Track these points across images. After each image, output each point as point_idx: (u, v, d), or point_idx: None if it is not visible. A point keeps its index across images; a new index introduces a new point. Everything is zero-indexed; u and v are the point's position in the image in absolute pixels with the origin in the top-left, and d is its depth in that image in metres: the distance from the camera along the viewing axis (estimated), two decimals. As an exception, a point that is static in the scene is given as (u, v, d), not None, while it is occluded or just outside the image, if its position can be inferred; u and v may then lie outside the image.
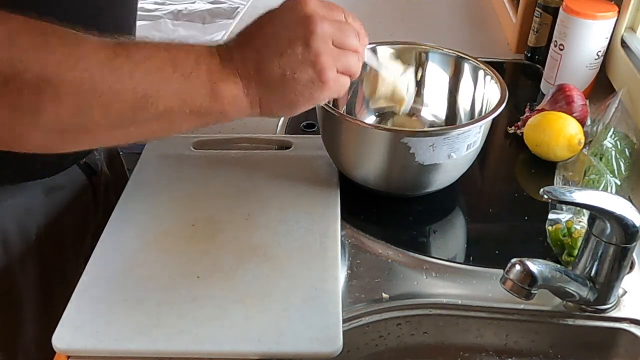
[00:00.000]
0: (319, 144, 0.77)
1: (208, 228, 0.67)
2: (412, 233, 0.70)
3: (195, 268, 0.62)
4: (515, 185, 0.79)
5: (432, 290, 0.62)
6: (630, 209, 0.54)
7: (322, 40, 0.49)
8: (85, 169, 0.78)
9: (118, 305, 0.58)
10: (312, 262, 0.63)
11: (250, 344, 0.55)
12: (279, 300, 0.59)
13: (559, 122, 0.78)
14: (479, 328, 0.62)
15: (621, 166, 0.74)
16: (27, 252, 0.72)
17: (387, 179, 0.72)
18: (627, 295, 0.61)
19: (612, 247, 0.55)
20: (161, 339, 0.55)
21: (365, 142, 0.69)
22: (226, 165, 0.77)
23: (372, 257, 0.66)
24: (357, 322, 0.60)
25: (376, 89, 0.76)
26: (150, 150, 0.80)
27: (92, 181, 0.80)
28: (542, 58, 0.99)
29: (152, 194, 0.72)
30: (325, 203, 0.71)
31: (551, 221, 0.67)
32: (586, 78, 0.91)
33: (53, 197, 0.73)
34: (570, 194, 0.53)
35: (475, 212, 0.75)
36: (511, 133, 0.86)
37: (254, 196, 0.72)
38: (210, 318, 0.57)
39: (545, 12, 0.98)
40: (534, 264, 0.52)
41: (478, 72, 0.77)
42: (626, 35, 0.89)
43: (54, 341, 0.55)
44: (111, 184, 0.84)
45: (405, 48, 0.81)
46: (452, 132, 0.65)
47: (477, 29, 1.21)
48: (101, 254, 0.64)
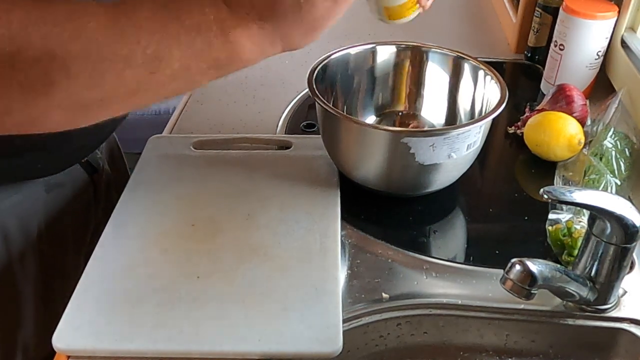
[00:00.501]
0: (319, 144, 0.77)
1: (208, 228, 0.67)
2: (412, 233, 0.70)
3: (195, 268, 0.62)
4: (515, 185, 0.79)
5: (432, 290, 0.62)
6: (630, 209, 0.54)
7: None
8: (87, 166, 0.78)
9: (118, 305, 0.58)
10: (312, 262, 0.63)
11: (250, 344, 0.55)
12: (279, 300, 0.59)
13: (559, 122, 0.78)
14: (479, 328, 0.62)
15: (621, 166, 0.74)
16: (27, 249, 0.72)
17: (387, 179, 0.72)
18: (627, 295, 0.61)
19: (612, 247, 0.55)
20: (161, 339, 0.55)
21: (365, 142, 0.69)
22: (226, 165, 0.77)
23: (372, 257, 0.66)
24: (357, 322, 0.60)
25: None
26: (150, 150, 0.80)
27: (94, 179, 0.80)
28: (542, 58, 0.99)
29: (152, 194, 0.72)
30: (325, 203, 0.71)
31: (551, 221, 0.67)
32: (586, 78, 0.91)
33: (54, 195, 0.73)
34: (570, 194, 0.53)
35: (475, 212, 0.75)
36: (511, 133, 0.86)
37: (254, 196, 0.72)
38: (210, 318, 0.57)
39: (545, 12, 0.98)
40: (534, 264, 0.52)
41: (478, 72, 0.77)
42: (626, 35, 0.89)
43: (54, 341, 0.55)
44: (112, 182, 0.84)
45: (405, 48, 0.81)
46: (452, 132, 0.65)
47: (477, 29, 1.21)
48: (101, 254, 0.64)
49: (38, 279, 0.74)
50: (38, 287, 0.74)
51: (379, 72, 0.82)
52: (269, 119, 0.91)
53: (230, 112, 0.93)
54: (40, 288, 0.74)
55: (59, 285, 0.76)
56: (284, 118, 0.91)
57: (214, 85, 0.99)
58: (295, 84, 0.98)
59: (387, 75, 0.82)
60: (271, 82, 1.00)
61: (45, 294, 0.75)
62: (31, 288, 0.74)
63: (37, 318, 0.75)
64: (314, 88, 0.70)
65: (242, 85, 0.99)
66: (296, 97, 0.95)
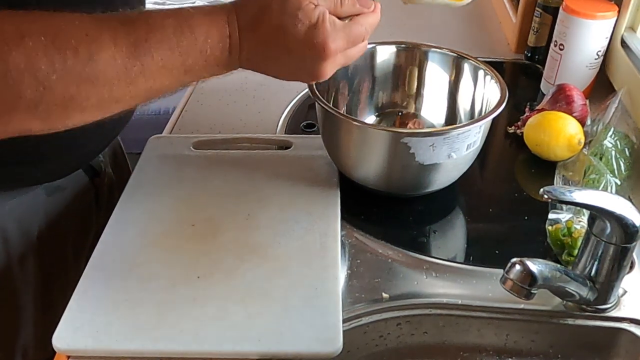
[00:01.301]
0: (319, 144, 0.77)
1: (208, 228, 0.67)
2: (412, 233, 0.70)
3: (195, 268, 0.62)
4: (515, 185, 0.79)
5: (432, 290, 0.62)
6: (630, 208, 0.54)
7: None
8: (88, 170, 0.78)
9: (118, 305, 0.58)
10: (312, 262, 0.63)
11: (251, 344, 0.55)
12: (279, 300, 0.59)
13: (559, 122, 0.78)
14: (479, 328, 0.62)
15: (621, 166, 0.74)
16: (28, 252, 0.72)
17: (387, 179, 0.72)
18: (627, 295, 0.61)
19: (612, 246, 0.56)
20: (161, 339, 0.55)
21: (365, 142, 0.69)
22: (226, 165, 0.77)
23: (372, 257, 0.66)
24: (357, 322, 0.60)
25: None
26: (150, 150, 0.80)
27: (95, 182, 0.80)
28: (542, 58, 0.99)
29: (152, 194, 0.72)
30: (325, 203, 0.71)
31: (551, 221, 0.67)
32: (586, 78, 0.90)
33: (55, 198, 0.73)
34: (570, 193, 0.53)
35: (475, 212, 0.75)
36: (511, 133, 0.86)
37: (254, 196, 0.72)
38: (210, 318, 0.57)
39: (545, 12, 0.98)
40: (534, 264, 0.52)
41: (478, 72, 0.77)
42: (626, 35, 0.89)
43: (54, 341, 0.55)
44: (115, 185, 0.84)
45: (405, 48, 0.81)
46: (452, 132, 0.65)
47: (477, 29, 1.21)
48: (101, 254, 0.64)
49: (38, 282, 0.74)
50: (38, 290, 0.74)
51: (379, 72, 0.82)
52: (269, 119, 0.91)
53: (230, 112, 0.93)
54: (40, 291, 0.74)
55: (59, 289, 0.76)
56: (284, 118, 0.91)
57: (214, 85, 0.99)
58: (295, 84, 0.97)
59: (387, 75, 0.82)
60: (271, 82, 0.98)
61: (45, 297, 0.75)
62: (31, 291, 0.73)
63: (36, 321, 0.75)
64: (314, 88, 0.70)
65: (242, 85, 0.99)
66: (296, 97, 0.95)
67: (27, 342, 0.75)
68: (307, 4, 0.49)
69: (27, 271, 0.72)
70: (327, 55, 0.50)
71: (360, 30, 0.52)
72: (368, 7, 0.54)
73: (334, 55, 0.50)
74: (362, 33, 0.52)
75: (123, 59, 0.45)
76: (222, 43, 0.49)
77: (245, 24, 0.50)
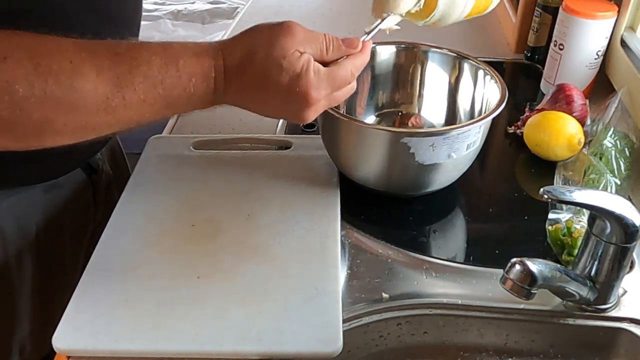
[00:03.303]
0: (319, 144, 0.77)
1: (208, 228, 0.67)
2: (412, 233, 0.70)
3: (195, 268, 0.62)
4: (515, 185, 0.79)
5: (432, 290, 0.62)
6: (630, 208, 0.54)
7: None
8: (86, 167, 0.78)
9: (118, 306, 0.58)
10: (312, 262, 0.63)
11: (251, 344, 0.55)
12: (279, 300, 0.59)
13: (559, 122, 0.78)
14: (479, 328, 0.62)
15: (621, 166, 0.74)
16: (25, 250, 0.72)
17: (387, 179, 0.72)
18: (627, 295, 0.61)
19: (612, 246, 0.56)
20: (161, 339, 0.55)
21: (365, 142, 0.69)
22: (226, 165, 0.77)
23: (372, 257, 0.66)
24: (357, 322, 0.60)
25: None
26: (150, 150, 0.80)
27: (93, 180, 0.80)
28: (542, 58, 0.99)
29: (152, 194, 0.72)
30: (325, 203, 0.71)
31: (551, 221, 0.67)
32: (586, 78, 0.91)
33: (52, 195, 0.73)
34: (570, 193, 0.53)
35: (475, 212, 0.75)
36: (511, 133, 0.86)
37: (254, 196, 0.72)
38: (210, 318, 0.57)
39: (545, 12, 0.98)
40: (534, 264, 0.52)
41: (478, 72, 0.77)
42: (626, 35, 0.89)
43: (54, 341, 0.55)
44: (113, 182, 0.84)
45: (405, 48, 0.81)
46: (452, 132, 0.65)
47: (477, 29, 1.21)
48: (101, 254, 0.64)
49: (35, 279, 0.74)
50: (35, 288, 0.74)
51: (379, 72, 0.82)
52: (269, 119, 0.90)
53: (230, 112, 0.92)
54: (38, 289, 0.74)
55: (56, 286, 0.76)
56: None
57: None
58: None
59: (387, 75, 0.82)
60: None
61: (42, 294, 0.75)
62: (28, 289, 0.74)
63: (34, 319, 0.75)
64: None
65: (242, 85, 0.99)
66: (296, 97, 0.95)
67: (24, 339, 0.75)
68: (293, 53, 0.50)
69: (25, 268, 0.72)
70: (310, 104, 0.51)
71: (345, 74, 0.53)
72: (355, 48, 0.54)
73: (317, 103, 0.52)
74: (347, 77, 0.53)
75: (105, 90, 0.46)
76: (206, 83, 0.50)
77: (231, 67, 0.51)
